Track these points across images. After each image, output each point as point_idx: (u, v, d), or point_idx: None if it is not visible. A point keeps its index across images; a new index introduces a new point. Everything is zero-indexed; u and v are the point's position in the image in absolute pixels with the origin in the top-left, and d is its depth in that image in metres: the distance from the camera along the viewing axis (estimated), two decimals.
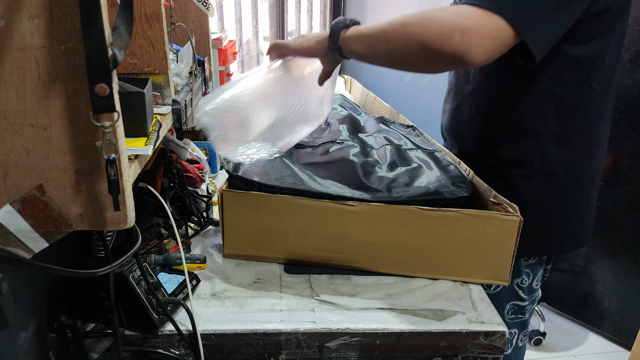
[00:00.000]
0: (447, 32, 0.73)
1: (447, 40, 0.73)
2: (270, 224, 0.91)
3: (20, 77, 0.46)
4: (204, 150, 1.29)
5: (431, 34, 0.75)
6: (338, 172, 0.98)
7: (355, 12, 3.11)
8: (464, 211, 0.86)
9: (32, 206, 0.51)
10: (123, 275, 0.72)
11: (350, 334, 0.79)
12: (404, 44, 0.78)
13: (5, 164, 0.49)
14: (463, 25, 0.73)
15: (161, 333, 0.77)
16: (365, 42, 0.85)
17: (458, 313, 0.84)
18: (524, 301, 1.11)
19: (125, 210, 0.52)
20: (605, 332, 2.20)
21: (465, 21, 0.73)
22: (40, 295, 0.80)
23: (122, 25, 0.48)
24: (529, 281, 1.10)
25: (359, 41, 0.86)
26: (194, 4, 1.09)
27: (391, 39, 0.80)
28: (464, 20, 0.73)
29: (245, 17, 2.41)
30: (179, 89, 0.86)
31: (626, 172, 1.98)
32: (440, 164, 1.05)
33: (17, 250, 0.52)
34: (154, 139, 0.66)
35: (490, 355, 0.82)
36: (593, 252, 2.16)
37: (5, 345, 0.71)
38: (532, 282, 1.11)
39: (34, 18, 0.45)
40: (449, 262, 0.90)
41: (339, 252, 0.91)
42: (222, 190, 0.90)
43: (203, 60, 1.04)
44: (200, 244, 1.02)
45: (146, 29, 0.74)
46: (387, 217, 0.87)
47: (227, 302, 0.84)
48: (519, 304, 1.11)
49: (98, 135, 0.48)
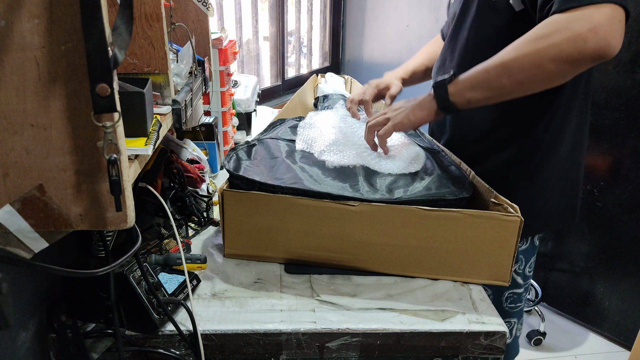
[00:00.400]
0: (578, 37, 0.75)
1: (582, 44, 0.75)
2: (271, 224, 0.90)
3: (20, 77, 0.46)
4: (204, 150, 1.29)
5: (563, 46, 0.77)
6: (338, 172, 0.98)
7: (355, 12, 3.11)
8: (464, 211, 0.86)
9: (32, 206, 0.51)
10: (123, 275, 0.72)
11: (350, 334, 0.79)
12: (535, 67, 0.80)
13: (5, 164, 0.49)
14: (589, 25, 0.75)
15: (162, 333, 0.77)
16: (483, 86, 0.86)
17: (458, 313, 0.84)
18: (520, 288, 1.13)
19: (126, 211, 0.52)
20: (605, 332, 2.20)
21: (586, 21, 0.75)
22: (40, 295, 0.80)
23: (122, 25, 0.48)
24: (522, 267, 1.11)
25: (476, 89, 0.87)
26: (194, 4, 1.09)
27: (515, 70, 0.82)
28: (584, 21, 0.75)
29: (245, 17, 2.41)
30: (179, 89, 0.86)
31: (626, 172, 1.98)
32: (441, 164, 1.05)
33: (17, 250, 0.52)
34: (154, 139, 0.66)
35: (490, 355, 0.82)
36: (593, 252, 2.16)
37: (5, 345, 0.71)
38: (525, 268, 1.12)
39: (34, 18, 0.45)
40: (450, 262, 0.90)
41: (339, 252, 0.91)
42: (223, 190, 0.90)
43: (203, 60, 1.04)
44: (200, 244, 1.02)
45: (146, 29, 0.74)
46: (387, 217, 0.87)
47: (227, 302, 0.84)
48: (517, 291, 1.13)
49: (99, 135, 0.48)
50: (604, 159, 2.03)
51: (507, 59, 0.82)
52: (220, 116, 1.40)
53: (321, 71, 3.07)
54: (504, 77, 0.83)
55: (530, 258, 1.13)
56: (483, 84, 0.86)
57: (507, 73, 0.82)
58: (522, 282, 1.13)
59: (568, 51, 0.76)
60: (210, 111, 1.40)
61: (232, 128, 1.51)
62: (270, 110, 2.10)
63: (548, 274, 2.34)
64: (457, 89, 0.88)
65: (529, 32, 0.81)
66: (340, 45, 3.25)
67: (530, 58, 0.80)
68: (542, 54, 0.78)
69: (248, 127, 1.70)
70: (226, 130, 1.44)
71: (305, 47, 3.07)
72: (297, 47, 2.97)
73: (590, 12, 0.75)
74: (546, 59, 0.78)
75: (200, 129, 1.27)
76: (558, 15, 0.78)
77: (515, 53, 0.82)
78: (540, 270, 2.35)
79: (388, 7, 2.97)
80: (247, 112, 1.66)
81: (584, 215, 2.13)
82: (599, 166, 2.05)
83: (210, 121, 1.28)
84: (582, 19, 0.75)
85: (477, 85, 0.87)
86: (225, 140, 1.45)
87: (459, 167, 1.03)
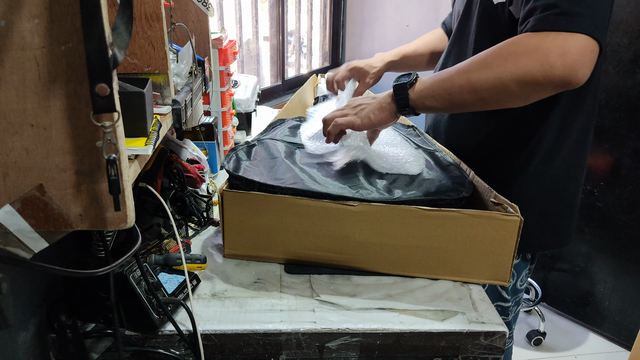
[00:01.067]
0: (545, 62, 0.74)
1: (549, 69, 0.74)
2: (271, 224, 0.90)
3: (20, 77, 0.46)
4: (204, 150, 1.29)
5: (529, 68, 0.75)
6: (338, 172, 0.98)
7: (355, 12, 3.11)
8: (464, 211, 0.86)
9: (32, 206, 0.51)
10: (123, 275, 0.72)
11: (350, 334, 0.79)
12: (498, 86, 0.78)
13: (5, 164, 0.49)
14: (559, 51, 0.73)
15: (161, 333, 0.77)
16: (444, 97, 0.84)
17: (458, 313, 0.84)
18: (507, 302, 1.11)
19: (126, 210, 0.52)
20: (605, 332, 2.20)
21: (557, 47, 0.73)
22: (40, 295, 0.80)
23: (122, 25, 0.48)
24: (513, 282, 1.10)
25: (437, 98, 0.84)
26: (194, 4, 1.09)
27: (479, 86, 0.80)
28: (554, 46, 0.74)
29: (245, 17, 2.41)
30: (179, 89, 0.86)
31: (626, 172, 1.98)
32: (440, 164, 1.05)
33: (17, 250, 0.52)
34: (154, 139, 0.66)
35: (490, 355, 0.82)
36: (593, 252, 2.16)
37: (5, 345, 0.71)
38: (517, 283, 1.11)
39: (34, 18, 0.45)
40: (449, 262, 0.90)
41: (339, 252, 0.91)
42: (223, 190, 0.90)
43: (203, 60, 1.04)
44: (200, 244, 1.02)
45: (146, 29, 0.74)
46: (387, 217, 0.87)
47: (227, 302, 0.84)
48: (502, 304, 1.11)
49: (98, 135, 0.48)
50: (604, 159, 2.03)
51: (472, 76, 0.80)
52: (220, 116, 1.40)
53: (321, 71, 3.07)
54: (467, 92, 0.81)
55: (522, 272, 1.11)
56: (444, 95, 0.84)
57: (471, 89, 0.81)
58: (509, 297, 1.10)
59: (534, 74, 0.75)
60: (210, 111, 1.40)
61: (232, 128, 1.51)
62: (270, 110, 2.10)
63: (548, 274, 2.34)
64: (418, 96, 0.86)
65: (499, 46, 0.79)
66: (340, 45, 3.26)
67: (495, 76, 0.78)
68: (508, 74, 0.77)
69: (248, 127, 1.70)
70: (226, 130, 1.44)
71: (305, 47, 3.08)
72: (297, 47, 2.97)
73: (563, 38, 0.74)
74: (511, 80, 0.77)
75: (200, 129, 1.27)
76: (531, 34, 0.77)
77: (481, 69, 0.79)
78: (540, 270, 2.36)
79: (388, 7, 2.98)
80: (247, 112, 1.66)
81: (584, 215, 2.13)
82: (599, 166, 2.05)
83: (210, 121, 1.28)
84: (553, 44, 0.74)
85: (438, 95, 0.85)
86: (225, 140, 1.45)
87: (458, 167, 1.03)
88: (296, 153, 1.09)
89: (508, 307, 1.12)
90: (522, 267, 1.10)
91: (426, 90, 0.86)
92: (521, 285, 1.12)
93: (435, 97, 0.85)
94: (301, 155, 1.07)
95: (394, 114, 0.90)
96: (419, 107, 0.87)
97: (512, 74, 0.76)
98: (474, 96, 0.81)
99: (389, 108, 0.90)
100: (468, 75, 0.81)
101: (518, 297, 1.13)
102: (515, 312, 1.15)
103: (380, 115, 0.91)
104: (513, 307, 1.13)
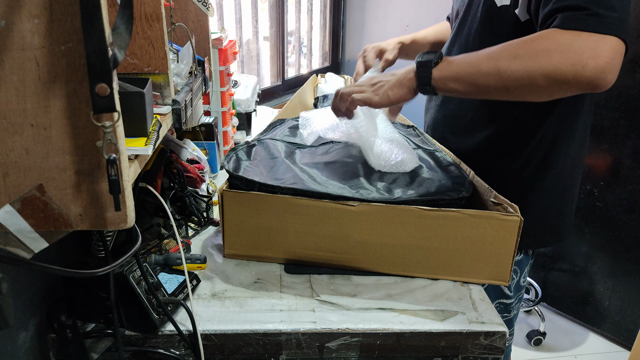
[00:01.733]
0: (577, 62, 0.73)
1: (580, 70, 0.73)
2: (271, 224, 0.91)
3: (20, 77, 0.46)
4: (204, 150, 1.29)
5: (560, 66, 0.74)
6: (338, 172, 0.98)
7: (355, 12, 3.11)
8: (464, 211, 0.86)
9: (32, 206, 0.51)
10: (123, 275, 0.72)
11: (350, 334, 0.79)
12: (526, 79, 0.77)
13: (5, 164, 0.49)
14: (592, 52, 0.73)
15: (161, 333, 0.77)
16: (469, 81, 0.82)
17: (458, 313, 0.84)
18: (509, 299, 1.11)
19: (126, 210, 0.52)
20: (605, 332, 2.20)
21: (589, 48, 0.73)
22: (40, 295, 0.80)
23: (122, 25, 0.48)
24: (516, 278, 1.10)
25: (461, 81, 0.83)
26: (194, 4, 1.09)
27: (506, 75, 0.79)
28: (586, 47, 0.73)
29: (245, 17, 2.41)
30: (179, 89, 0.86)
31: (626, 172, 1.98)
32: (440, 164, 1.05)
33: (17, 250, 0.52)
34: (154, 139, 0.66)
35: (490, 355, 0.82)
36: (593, 252, 2.16)
37: (5, 345, 0.71)
38: (520, 279, 1.11)
39: (34, 18, 0.45)
40: (449, 262, 0.90)
41: (339, 252, 0.91)
42: (223, 190, 0.90)
43: (203, 60, 1.04)
44: (200, 244, 1.02)
45: (146, 29, 0.74)
46: (387, 217, 0.87)
47: (227, 302, 0.84)
48: (505, 301, 1.11)
49: (98, 135, 0.48)
50: (604, 159, 2.03)
51: (501, 64, 0.79)
52: (220, 116, 1.40)
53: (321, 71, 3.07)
54: (493, 79, 0.80)
55: (525, 268, 1.11)
56: (469, 79, 0.82)
57: (498, 77, 0.79)
58: (512, 293, 1.10)
59: (564, 73, 0.74)
60: (210, 111, 1.40)
61: (232, 128, 1.51)
62: (270, 110, 2.10)
63: (548, 274, 2.34)
64: (441, 75, 0.84)
65: (530, 38, 0.78)
66: (340, 45, 3.26)
67: (525, 68, 0.77)
68: (538, 68, 0.76)
69: (248, 127, 1.70)
70: (226, 130, 1.44)
71: (305, 47, 3.08)
72: (297, 47, 2.97)
73: (594, 39, 0.73)
74: (540, 74, 0.76)
75: (200, 129, 1.27)
76: (562, 31, 0.76)
77: (511, 59, 0.79)
78: (540, 270, 2.36)
79: (388, 7, 2.98)
80: (247, 112, 1.66)
81: (584, 215, 2.13)
82: (599, 166, 2.05)
83: (210, 121, 1.28)
84: (585, 44, 0.73)
85: (461, 78, 0.83)
86: (225, 140, 1.45)
87: (458, 167, 1.03)
88: (296, 153, 1.09)
89: (511, 304, 1.12)
90: (525, 262, 1.10)
91: (451, 71, 0.83)
92: (524, 282, 1.13)
93: (459, 80, 0.83)
94: (301, 155, 1.07)
95: (414, 90, 0.87)
96: (440, 87, 0.84)
97: (542, 69, 0.76)
98: (499, 84, 0.80)
99: (408, 84, 0.87)
100: (497, 63, 0.79)
101: (520, 294, 1.14)
102: (517, 309, 1.16)
103: (400, 92, 0.88)
104: (516, 304, 1.14)
